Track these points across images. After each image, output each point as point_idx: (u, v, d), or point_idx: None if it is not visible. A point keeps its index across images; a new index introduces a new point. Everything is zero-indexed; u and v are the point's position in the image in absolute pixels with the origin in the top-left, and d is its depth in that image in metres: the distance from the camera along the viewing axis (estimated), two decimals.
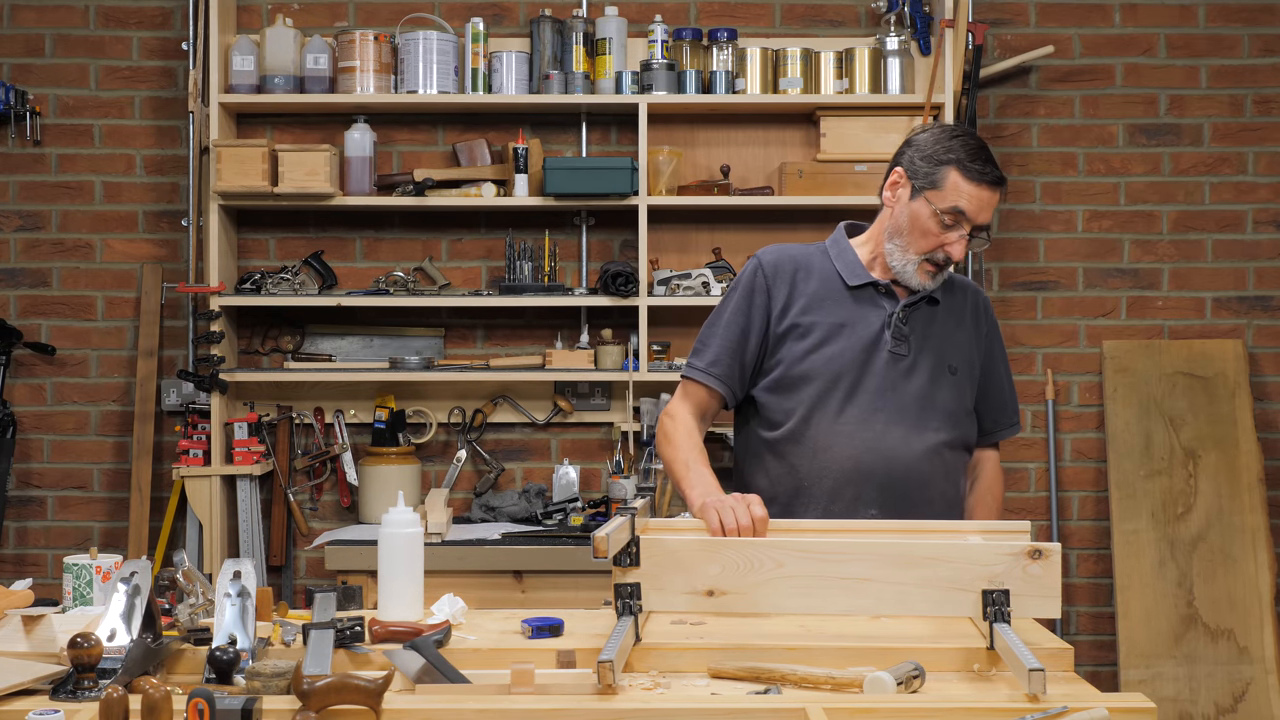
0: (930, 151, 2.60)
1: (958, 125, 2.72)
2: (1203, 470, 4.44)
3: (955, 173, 2.56)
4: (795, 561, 2.15)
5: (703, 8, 4.55)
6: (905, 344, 2.62)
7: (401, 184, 4.34)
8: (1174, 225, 4.59)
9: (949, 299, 2.70)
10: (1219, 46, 4.58)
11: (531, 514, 4.29)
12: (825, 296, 2.66)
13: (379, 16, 4.50)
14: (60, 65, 4.52)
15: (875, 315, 2.64)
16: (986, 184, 2.56)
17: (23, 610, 2.22)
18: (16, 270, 4.54)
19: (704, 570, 2.15)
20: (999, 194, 2.60)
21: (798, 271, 2.69)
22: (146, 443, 4.43)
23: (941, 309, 2.68)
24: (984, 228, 2.59)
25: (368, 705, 1.76)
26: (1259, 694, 4.30)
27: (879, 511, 2.57)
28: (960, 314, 2.70)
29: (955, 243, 2.57)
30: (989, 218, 2.60)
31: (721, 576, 2.15)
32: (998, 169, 2.59)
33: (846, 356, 2.61)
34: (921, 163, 2.60)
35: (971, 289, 2.76)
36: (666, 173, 4.32)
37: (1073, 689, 2.00)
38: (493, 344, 4.54)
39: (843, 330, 2.62)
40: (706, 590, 2.15)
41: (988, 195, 2.57)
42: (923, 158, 2.60)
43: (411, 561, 2.30)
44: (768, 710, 1.81)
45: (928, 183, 2.58)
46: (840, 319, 2.63)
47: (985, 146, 2.62)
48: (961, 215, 2.56)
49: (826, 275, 2.68)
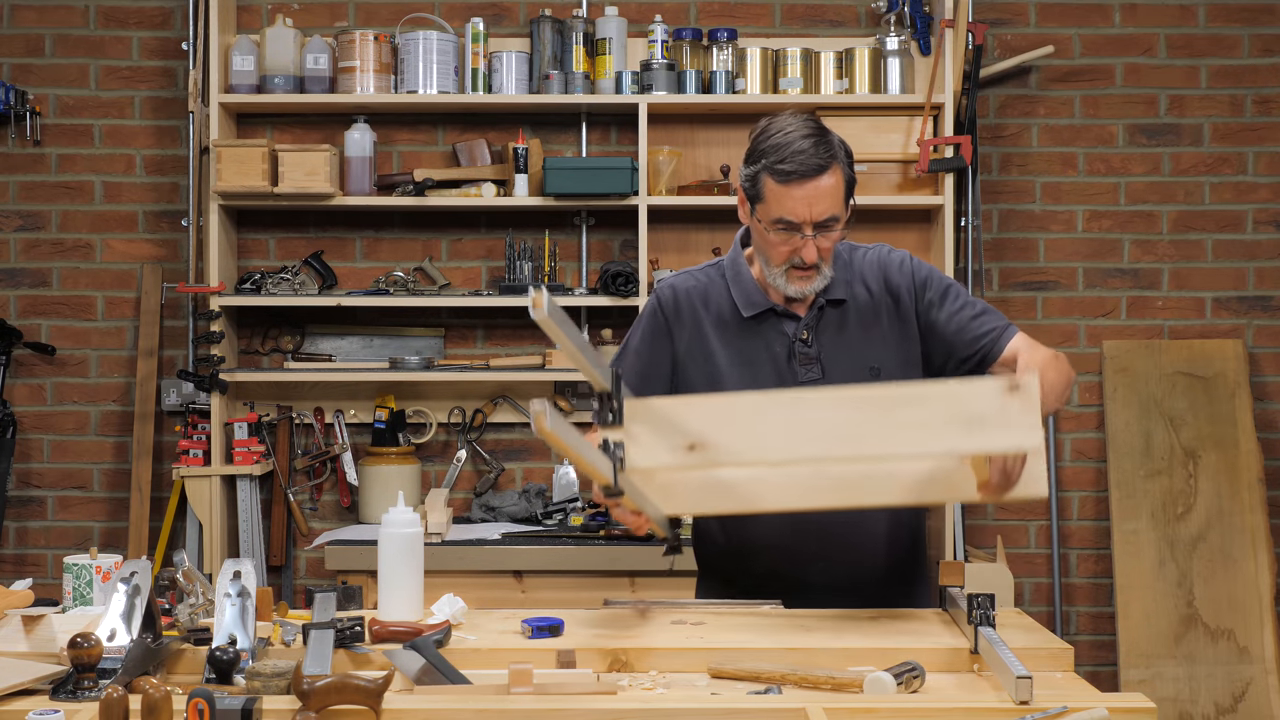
0: (748, 158, 2.39)
1: (784, 115, 2.40)
2: (1203, 470, 4.44)
3: (768, 179, 2.34)
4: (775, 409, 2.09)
5: (703, 8, 4.55)
6: (815, 365, 2.44)
7: (401, 184, 4.34)
8: (1174, 225, 4.59)
9: (855, 292, 2.47)
10: (1219, 46, 4.58)
11: (531, 514, 4.29)
12: (726, 328, 2.48)
13: (379, 16, 4.50)
14: (60, 65, 4.53)
15: (779, 342, 2.45)
16: (799, 179, 2.31)
17: (23, 610, 2.22)
18: (16, 270, 4.54)
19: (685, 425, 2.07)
20: (828, 176, 2.32)
21: (696, 307, 2.50)
22: (146, 443, 4.43)
23: (850, 308, 2.46)
24: (830, 219, 2.34)
25: (368, 705, 1.76)
26: (1259, 694, 4.30)
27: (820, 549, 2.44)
28: (875, 302, 2.47)
29: (803, 247, 2.35)
30: (828, 208, 2.33)
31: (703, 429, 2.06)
32: (816, 152, 2.31)
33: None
34: (745, 173, 2.41)
35: (883, 263, 2.49)
36: (666, 173, 4.32)
37: (1073, 689, 2.00)
38: (493, 344, 4.54)
39: (750, 365, 2.45)
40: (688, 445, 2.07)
41: (809, 189, 2.31)
42: (745, 166, 2.41)
43: (411, 561, 2.30)
44: (768, 710, 1.81)
45: (754, 195, 2.39)
46: (745, 353, 2.46)
47: (803, 131, 2.34)
48: (791, 224, 2.34)
49: (724, 306, 2.49)
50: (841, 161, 2.37)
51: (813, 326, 2.46)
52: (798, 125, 2.36)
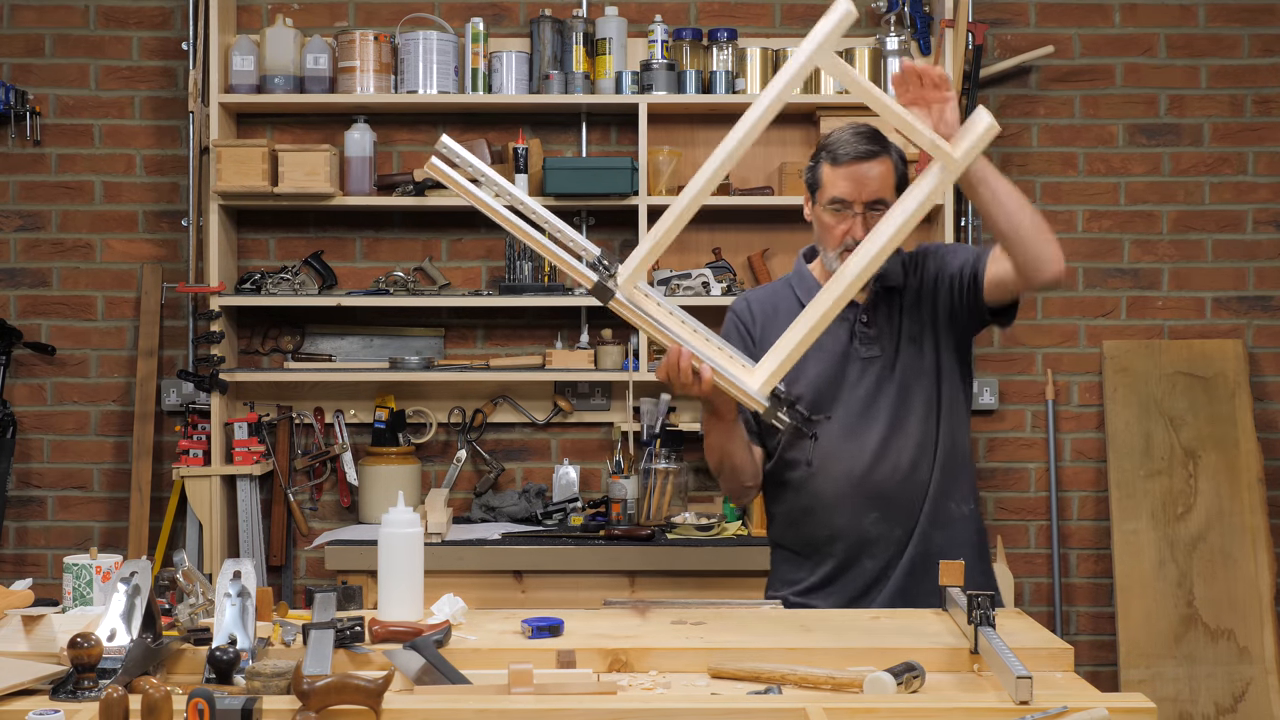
0: (811, 158, 2.71)
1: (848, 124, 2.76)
2: (1203, 470, 4.44)
3: (825, 165, 2.64)
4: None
5: (703, 8, 4.55)
6: (875, 344, 2.69)
7: (401, 184, 4.34)
8: (1174, 225, 4.59)
9: (910, 279, 2.73)
10: (1219, 46, 4.58)
11: (531, 514, 4.29)
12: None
13: (379, 16, 4.50)
14: (60, 65, 4.53)
15: (842, 328, 2.69)
16: (851, 160, 2.60)
17: (23, 610, 2.22)
18: (16, 270, 4.54)
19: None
20: (877, 164, 2.60)
21: (766, 309, 2.79)
22: (146, 443, 4.43)
23: (907, 291, 2.72)
24: (878, 201, 2.60)
25: (368, 705, 1.76)
26: (1259, 694, 4.30)
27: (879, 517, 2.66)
28: (919, 287, 2.72)
29: (855, 226, 2.60)
30: (877, 190, 2.60)
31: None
32: (867, 142, 2.60)
33: (825, 376, 2.68)
34: (807, 173, 2.71)
35: (923, 254, 2.76)
36: (666, 173, 4.32)
37: (1073, 689, 2.00)
38: (493, 344, 4.54)
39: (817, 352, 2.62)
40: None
41: (860, 170, 2.59)
42: (807, 169, 2.71)
43: (411, 561, 2.30)
44: (768, 710, 1.81)
45: (813, 185, 2.68)
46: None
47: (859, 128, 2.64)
48: (843, 202, 2.61)
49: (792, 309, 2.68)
50: (893, 155, 2.64)
51: (871, 311, 2.70)
52: (854, 127, 2.67)
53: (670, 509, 4.17)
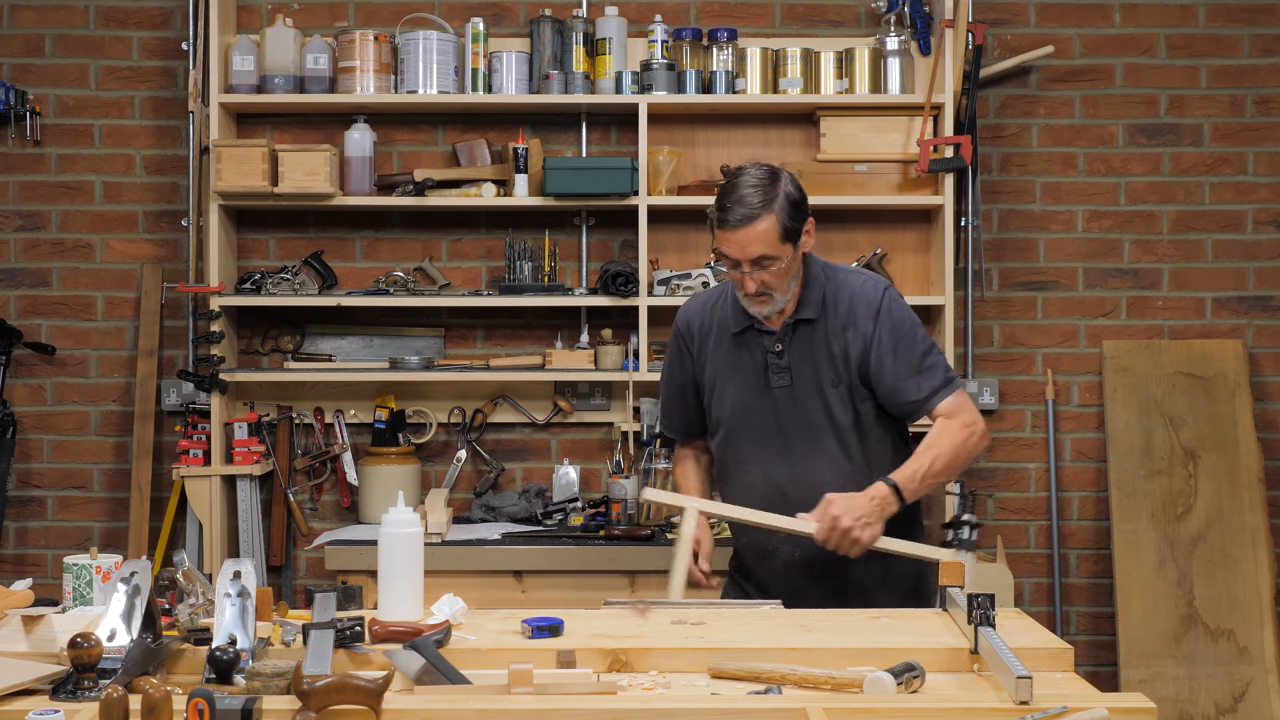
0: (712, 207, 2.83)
1: (751, 166, 2.83)
2: (1203, 470, 4.44)
3: (714, 222, 2.80)
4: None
5: (703, 8, 4.55)
6: (786, 373, 2.85)
7: (401, 184, 4.34)
8: (1174, 225, 4.59)
9: (828, 316, 2.84)
10: (1219, 46, 4.58)
11: (531, 514, 4.29)
12: (720, 344, 2.94)
13: (379, 16, 4.50)
14: (60, 65, 4.53)
15: (759, 353, 2.88)
16: (728, 227, 2.73)
17: (23, 610, 2.22)
18: (16, 270, 4.54)
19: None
20: (758, 224, 2.71)
21: (703, 326, 2.97)
22: (146, 443, 4.43)
23: (820, 326, 2.85)
24: (762, 258, 2.73)
25: (368, 705, 1.76)
26: (1259, 694, 4.30)
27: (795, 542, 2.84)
28: (840, 326, 2.83)
29: (745, 280, 2.77)
30: (760, 249, 2.72)
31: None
32: (746, 206, 2.71)
33: (743, 398, 2.88)
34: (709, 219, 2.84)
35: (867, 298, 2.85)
36: (666, 173, 4.32)
37: (1073, 689, 2.00)
38: (493, 344, 4.54)
39: (738, 371, 2.89)
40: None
41: (740, 236, 2.72)
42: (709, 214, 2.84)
43: (411, 561, 2.31)
44: (768, 710, 1.81)
45: (712, 234, 2.84)
46: (734, 362, 2.91)
47: (738, 187, 2.75)
48: (731, 259, 2.77)
49: (722, 324, 2.94)
50: (779, 211, 2.74)
51: (785, 340, 2.86)
52: (750, 177, 2.77)
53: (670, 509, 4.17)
